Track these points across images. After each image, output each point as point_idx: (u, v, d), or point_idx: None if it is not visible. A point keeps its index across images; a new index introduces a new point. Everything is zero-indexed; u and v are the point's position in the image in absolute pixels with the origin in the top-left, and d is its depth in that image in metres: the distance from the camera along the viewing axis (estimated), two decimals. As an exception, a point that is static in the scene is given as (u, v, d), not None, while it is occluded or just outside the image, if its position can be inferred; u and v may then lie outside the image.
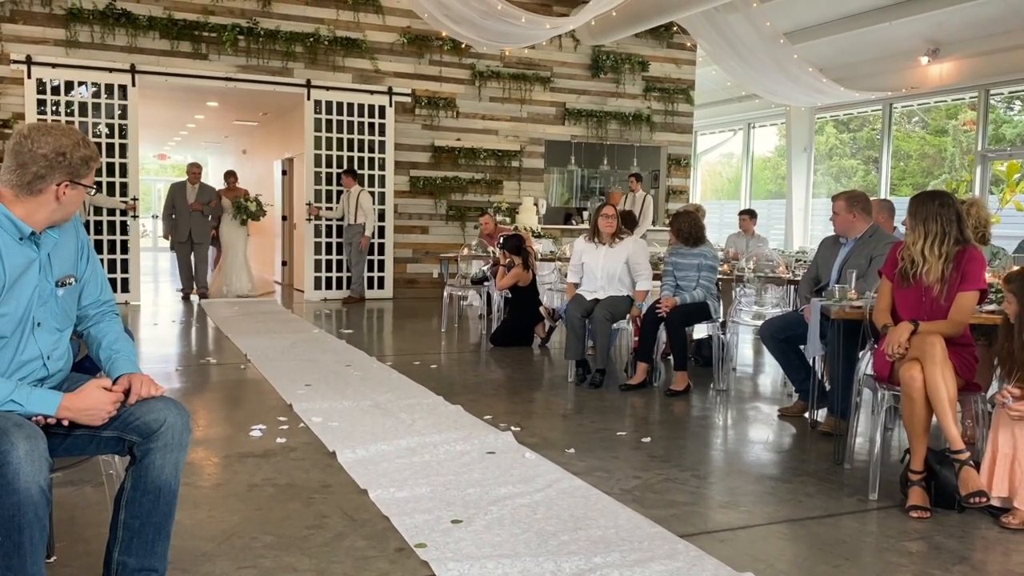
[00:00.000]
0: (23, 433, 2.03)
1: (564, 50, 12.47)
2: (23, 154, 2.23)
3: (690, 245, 5.91)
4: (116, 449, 2.35)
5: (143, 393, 2.32)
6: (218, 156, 21.17)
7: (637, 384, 5.75)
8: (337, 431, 4.43)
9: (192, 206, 10.75)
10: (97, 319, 2.52)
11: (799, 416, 5.06)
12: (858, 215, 4.86)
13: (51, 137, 2.25)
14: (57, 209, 2.30)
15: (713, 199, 18.74)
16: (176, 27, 10.23)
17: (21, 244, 2.26)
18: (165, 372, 6.10)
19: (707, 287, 5.83)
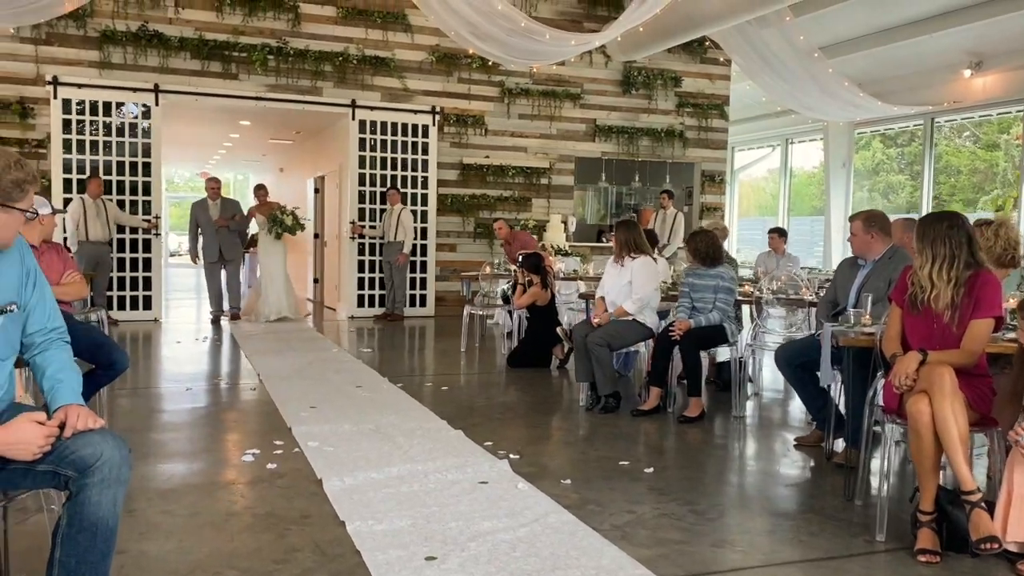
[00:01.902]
0: None
1: (595, 66, 12.36)
2: None
3: (707, 265, 5.71)
4: (52, 483, 2.27)
5: (79, 426, 2.24)
6: (258, 174, 21.45)
7: (649, 410, 5.56)
8: (330, 457, 4.33)
9: (216, 222, 10.32)
10: (44, 347, 2.44)
11: (816, 446, 4.83)
12: (876, 236, 4.64)
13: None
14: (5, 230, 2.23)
15: (756, 215, 18.38)
16: (207, 47, 10.37)
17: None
18: (176, 392, 6.09)
19: (724, 309, 5.62)
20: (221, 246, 10.39)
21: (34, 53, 9.82)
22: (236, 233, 10.57)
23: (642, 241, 5.99)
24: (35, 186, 2.29)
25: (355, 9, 10.99)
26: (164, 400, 5.83)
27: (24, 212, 2.27)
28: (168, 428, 5.05)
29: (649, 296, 5.83)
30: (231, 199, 10.92)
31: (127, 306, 10.28)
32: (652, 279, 5.88)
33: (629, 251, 5.91)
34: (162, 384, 6.46)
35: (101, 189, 9.64)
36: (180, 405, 5.68)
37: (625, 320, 5.79)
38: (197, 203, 10.68)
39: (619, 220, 6.46)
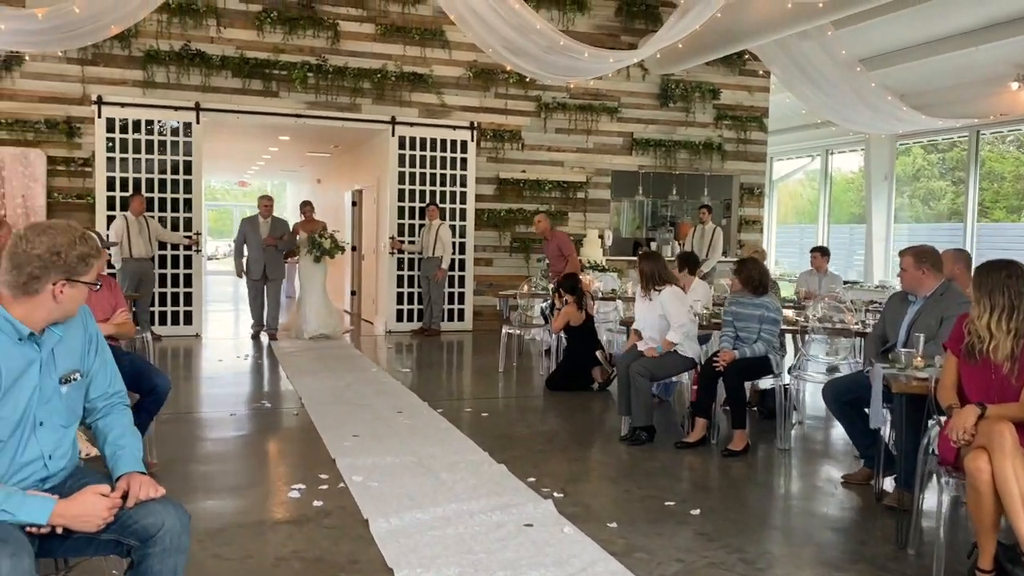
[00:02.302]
0: (8, 551, 1.99)
1: (632, 80, 12.30)
2: (18, 255, 2.21)
3: (756, 294, 5.63)
4: (115, 551, 2.31)
5: (141, 496, 2.27)
6: (296, 183, 21.70)
7: (695, 442, 5.50)
8: (375, 493, 4.35)
9: (265, 241, 10.29)
10: (105, 411, 2.49)
11: (864, 484, 4.75)
12: (928, 271, 4.55)
13: (46, 237, 2.23)
14: (55, 308, 2.27)
15: (794, 222, 18.17)
16: (247, 66, 10.49)
17: (20, 344, 2.25)
18: (221, 419, 6.16)
19: (769, 340, 5.56)
20: (267, 264, 10.35)
21: (80, 73, 10.00)
22: (282, 252, 10.54)
23: (666, 272, 5.96)
24: (99, 260, 2.33)
25: (393, 26, 11.05)
26: (209, 427, 5.90)
27: (90, 285, 2.31)
28: (214, 459, 5.11)
29: (685, 320, 5.78)
30: (281, 219, 10.83)
31: (168, 321, 10.44)
32: (683, 305, 5.86)
33: (654, 284, 5.88)
34: (207, 409, 6.54)
35: (144, 206, 9.80)
36: (225, 433, 5.74)
37: (668, 353, 5.75)
38: (247, 219, 10.63)
39: (642, 252, 6.46)
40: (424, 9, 11.10)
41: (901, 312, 4.71)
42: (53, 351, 2.33)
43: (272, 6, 10.56)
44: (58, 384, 2.33)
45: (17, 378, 2.23)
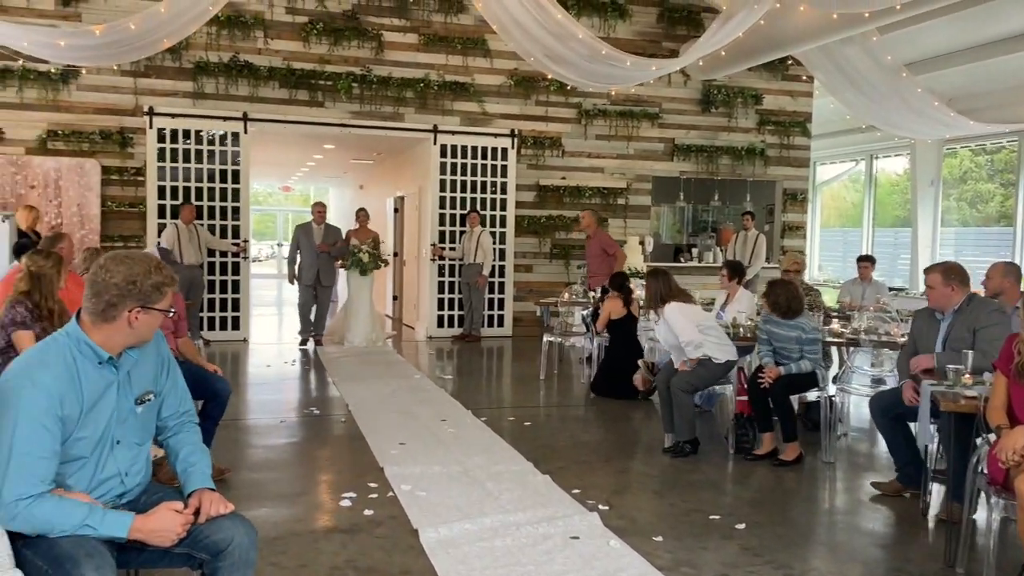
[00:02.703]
0: (93, 564, 2.11)
1: (673, 85, 12.29)
2: (98, 284, 2.35)
3: (787, 318, 5.54)
4: (186, 564, 2.43)
5: (212, 512, 2.38)
6: (339, 188, 22.00)
7: (763, 455, 5.49)
8: (423, 503, 4.45)
9: (319, 247, 10.31)
10: (176, 430, 2.61)
11: (895, 496, 4.74)
12: (956, 288, 4.56)
13: (124, 266, 2.36)
14: (131, 334, 2.39)
15: (837, 226, 17.96)
16: (294, 76, 10.70)
17: (100, 368, 2.37)
18: (271, 426, 6.31)
19: (814, 360, 5.53)
20: (320, 270, 10.34)
21: (133, 85, 10.29)
22: (334, 259, 10.53)
23: (668, 291, 5.87)
24: (173, 287, 2.44)
25: (436, 36, 11.18)
26: (260, 434, 6.05)
27: (164, 312, 2.43)
28: (267, 466, 5.25)
29: (692, 335, 5.69)
30: (334, 226, 10.82)
31: (217, 326, 10.68)
32: (686, 319, 5.75)
33: (660, 303, 5.83)
34: (258, 415, 6.70)
35: (194, 215, 10.04)
36: (276, 440, 5.89)
37: (703, 362, 5.73)
38: (301, 226, 10.66)
39: (649, 270, 6.43)
40: (466, 19, 11.22)
41: (931, 329, 4.71)
42: (129, 373, 2.45)
43: (318, 17, 10.76)
44: (134, 404, 2.46)
45: (97, 400, 2.36)
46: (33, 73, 9.87)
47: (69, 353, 2.34)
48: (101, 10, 9.87)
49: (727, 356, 5.79)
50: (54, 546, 2.16)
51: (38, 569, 2.13)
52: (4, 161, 9.85)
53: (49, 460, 2.23)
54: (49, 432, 2.23)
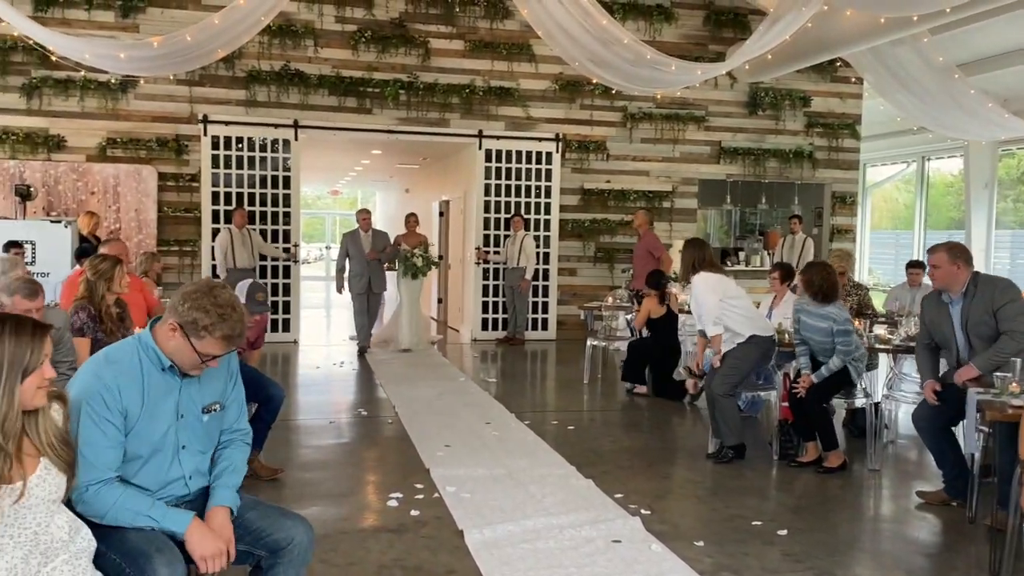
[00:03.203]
0: (164, 559, 2.24)
1: (720, 88, 12.23)
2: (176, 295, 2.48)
3: (819, 300, 5.36)
4: (245, 560, 2.55)
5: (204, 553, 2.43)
6: (385, 192, 22.30)
7: (809, 462, 5.45)
8: (468, 505, 4.54)
9: (368, 254, 10.14)
10: (224, 444, 2.70)
11: (940, 505, 4.70)
12: (962, 266, 4.56)
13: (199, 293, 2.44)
14: (168, 342, 2.46)
15: (888, 228, 17.65)
16: (343, 84, 10.91)
17: (163, 373, 2.49)
18: (320, 426, 6.47)
19: (846, 352, 5.32)
20: (370, 277, 10.21)
21: (188, 94, 10.60)
22: (384, 265, 10.43)
23: (701, 260, 5.71)
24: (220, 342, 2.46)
25: (482, 42, 11.31)
26: (310, 434, 6.22)
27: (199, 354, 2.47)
28: (317, 466, 5.40)
29: (712, 310, 5.59)
30: (381, 231, 10.60)
31: (268, 328, 10.91)
32: (710, 291, 5.63)
33: (692, 272, 5.70)
34: (308, 416, 6.87)
35: (246, 219, 10.30)
36: (325, 440, 6.05)
37: (730, 351, 5.63)
38: (349, 234, 10.50)
39: (686, 240, 6.28)
40: (512, 24, 11.32)
41: (943, 314, 4.67)
42: (199, 381, 2.56)
43: (366, 26, 10.96)
44: (201, 413, 2.57)
45: (158, 402, 2.48)
46: (94, 83, 10.23)
47: (136, 355, 2.48)
48: (158, 21, 10.19)
49: (752, 330, 5.58)
50: (125, 540, 2.29)
51: (112, 563, 2.26)
52: (66, 168, 10.23)
53: (114, 449, 2.37)
54: (112, 424, 2.37)
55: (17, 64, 10.07)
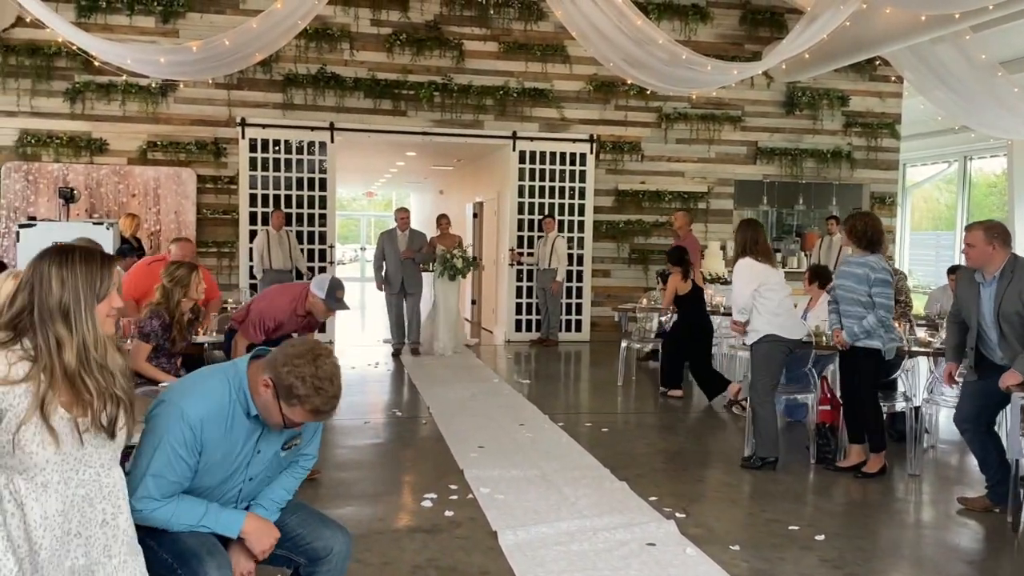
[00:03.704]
0: (215, 562, 2.28)
1: (756, 88, 12.11)
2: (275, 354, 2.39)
3: (863, 248, 5.16)
4: (283, 564, 2.58)
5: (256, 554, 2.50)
6: (419, 194, 22.42)
7: (849, 468, 5.34)
8: (502, 506, 4.55)
9: (403, 254, 10.04)
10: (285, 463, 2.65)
11: (983, 512, 4.60)
12: (997, 247, 4.45)
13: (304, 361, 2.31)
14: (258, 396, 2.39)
15: (929, 228, 17.34)
16: (378, 87, 10.99)
17: (248, 419, 2.43)
18: (356, 427, 6.52)
19: (882, 305, 5.03)
20: (404, 278, 10.10)
21: (227, 98, 10.75)
22: (419, 266, 10.31)
23: (753, 244, 5.54)
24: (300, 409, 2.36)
25: (516, 43, 11.32)
26: (346, 435, 6.26)
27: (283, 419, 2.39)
28: (352, 467, 5.45)
29: (743, 300, 5.48)
30: (418, 231, 10.44)
31: (306, 329, 11.03)
32: (747, 279, 5.49)
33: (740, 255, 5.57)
34: (343, 416, 6.92)
35: (283, 221, 10.41)
36: (361, 440, 6.10)
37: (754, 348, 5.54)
38: (386, 233, 10.43)
39: (743, 219, 6.15)
40: (546, 26, 11.32)
41: (972, 293, 4.59)
42: None
43: (401, 28, 11.03)
44: (280, 449, 2.54)
45: (237, 441, 2.43)
46: (135, 87, 10.42)
47: (228, 394, 2.39)
48: (197, 26, 10.35)
49: (771, 329, 5.41)
50: (177, 541, 2.33)
51: (163, 562, 2.30)
52: (108, 171, 10.43)
53: (179, 484, 2.35)
54: (185, 463, 2.32)
55: (61, 69, 10.29)
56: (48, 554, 1.91)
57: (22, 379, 1.87)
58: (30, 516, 1.88)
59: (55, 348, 1.92)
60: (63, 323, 1.94)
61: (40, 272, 1.96)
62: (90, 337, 1.96)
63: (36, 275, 1.96)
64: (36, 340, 1.92)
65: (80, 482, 1.96)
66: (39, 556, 1.89)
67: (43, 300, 1.95)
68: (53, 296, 1.95)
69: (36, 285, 1.95)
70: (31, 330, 1.93)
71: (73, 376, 1.92)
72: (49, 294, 1.95)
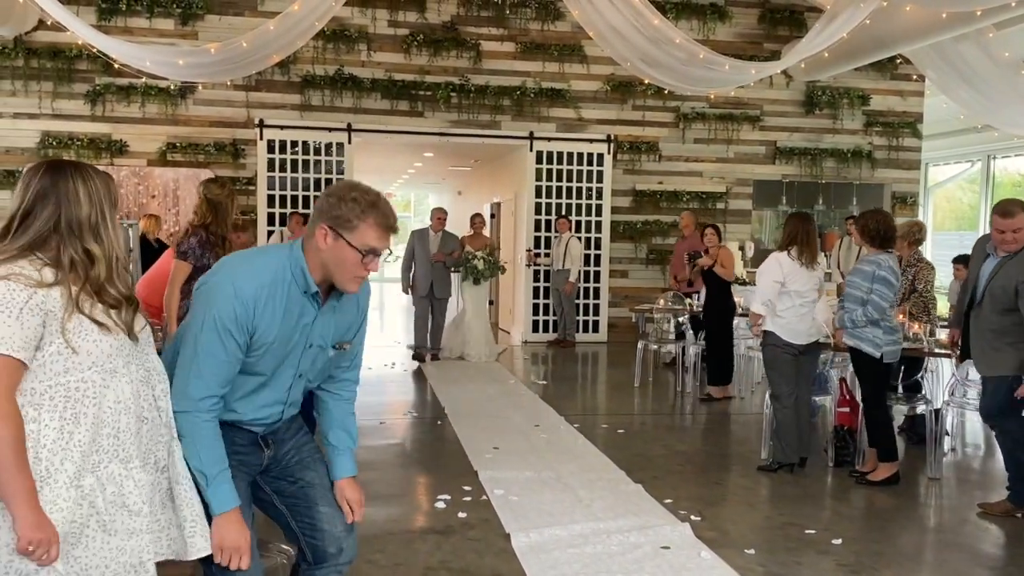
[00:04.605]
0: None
1: (775, 87, 12.02)
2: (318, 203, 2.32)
3: (875, 246, 5.07)
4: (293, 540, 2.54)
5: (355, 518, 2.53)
6: (438, 194, 22.43)
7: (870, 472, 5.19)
8: (516, 508, 4.53)
9: (434, 256, 9.45)
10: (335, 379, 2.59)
11: (1004, 516, 4.52)
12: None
13: (337, 185, 2.30)
14: (321, 256, 2.25)
15: (952, 229, 17.14)
16: (396, 88, 11.02)
17: (304, 297, 2.30)
18: (371, 427, 6.53)
19: (877, 307, 4.93)
20: (434, 281, 9.51)
21: (245, 99, 10.82)
22: (449, 270, 9.72)
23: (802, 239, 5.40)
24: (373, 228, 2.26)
25: (533, 43, 11.31)
26: (361, 435, 6.20)
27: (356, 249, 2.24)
28: (367, 467, 5.42)
29: (765, 295, 5.39)
30: (452, 233, 9.80)
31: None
32: (773, 274, 5.39)
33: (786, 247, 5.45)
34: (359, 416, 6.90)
35: (301, 223, 10.45)
36: (376, 441, 6.10)
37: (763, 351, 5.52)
38: (417, 232, 9.85)
39: (796, 212, 6.13)
40: (563, 25, 11.29)
41: (980, 259, 4.60)
42: (334, 317, 2.40)
43: (418, 29, 11.06)
44: (330, 346, 2.42)
45: (293, 326, 2.30)
46: (154, 89, 10.50)
47: (284, 272, 2.27)
48: (216, 28, 10.43)
49: (775, 328, 5.34)
50: None
51: None
52: (128, 172, 10.52)
53: (232, 364, 2.23)
54: (236, 341, 2.21)
55: (82, 72, 10.40)
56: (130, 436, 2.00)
57: (54, 283, 1.92)
58: (104, 403, 1.96)
59: (86, 261, 1.98)
60: (93, 238, 2.00)
61: (66, 187, 1.99)
62: (116, 250, 2.04)
63: (62, 190, 1.99)
64: (66, 252, 1.96)
65: (139, 365, 2.05)
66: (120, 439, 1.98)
67: (72, 215, 1.98)
68: (83, 211, 1.99)
69: (63, 200, 1.98)
70: (58, 243, 1.97)
71: (101, 286, 1.99)
72: (79, 209, 1.99)
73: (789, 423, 5.37)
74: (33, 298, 1.87)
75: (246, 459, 2.39)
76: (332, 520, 2.50)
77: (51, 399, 1.90)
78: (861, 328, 5.00)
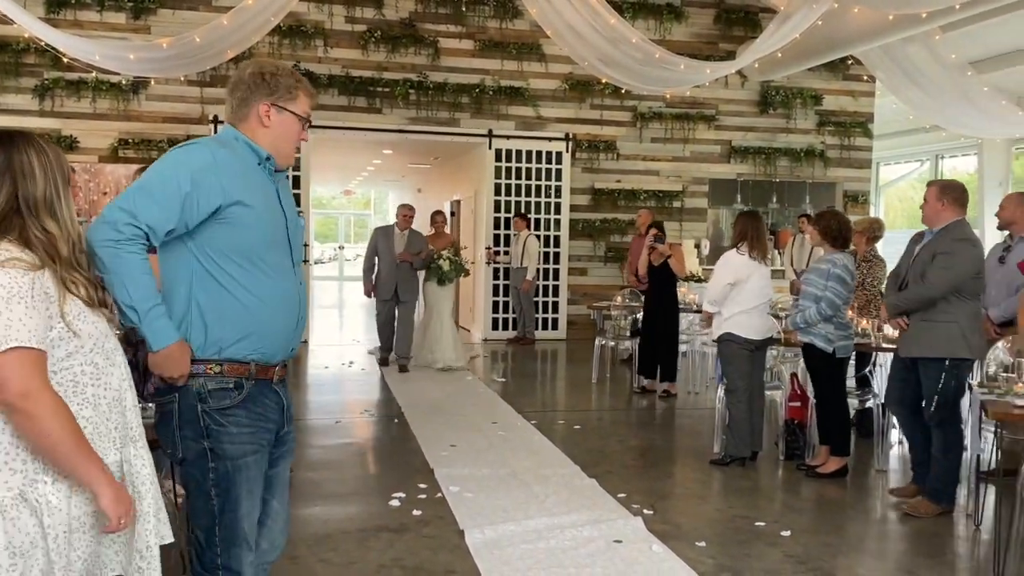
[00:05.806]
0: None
1: (730, 87, 12.18)
2: (233, 82, 2.32)
3: (836, 246, 5.18)
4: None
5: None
6: (398, 192, 22.34)
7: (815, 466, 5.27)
8: (471, 504, 4.54)
9: (400, 256, 8.77)
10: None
11: (913, 497, 4.67)
12: (947, 205, 4.56)
13: (255, 64, 2.31)
14: (268, 133, 2.28)
15: (904, 227, 17.52)
16: (353, 84, 10.95)
17: (259, 168, 2.29)
18: (327, 426, 6.49)
19: (830, 304, 5.00)
20: (399, 283, 8.85)
21: (199, 95, 10.66)
22: (415, 271, 9.03)
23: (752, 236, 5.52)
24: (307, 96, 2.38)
25: (491, 42, 11.32)
26: (317, 434, 6.23)
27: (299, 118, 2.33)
28: (322, 466, 5.41)
29: (717, 292, 5.48)
30: (418, 232, 9.06)
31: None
32: (726, 273, 5.49)
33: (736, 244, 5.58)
34: (315, 416, 6.90)
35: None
36: (332, 440, 6.06)
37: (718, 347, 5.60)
38: (381, 229, 9.22)
39: (746, 211, 6.17)
40: (521, 24, 11.32)
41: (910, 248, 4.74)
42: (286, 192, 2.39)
43: (376, 26, 11.00)
44: (297, 216, 2.39)
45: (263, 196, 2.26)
46: (105, 84, 10.31)
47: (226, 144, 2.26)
48: (169, 23, 10.26)
49: (730, 327, 5.42)
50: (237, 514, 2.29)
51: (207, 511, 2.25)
52: (79, 169, 10.30)
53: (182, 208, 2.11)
54: (195, 185, 2.11)
55: (30, 66, 10.16)
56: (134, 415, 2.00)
57: (43, 264, 1.81)
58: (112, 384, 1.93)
59: (46, 241, 1.85)
60: (49, 216, 1.87)
61: (20, 160, 1.85)
62: (72, 226, 1.91)
63: (15, 164, 1.85)
64: (30, 232, 1.83)
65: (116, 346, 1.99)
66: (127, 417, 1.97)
67: (28, 191, 1.85)
68: (39, 187, 1.86)
69: (19, 174, 1.85)
70: (20, 223, 1.84)
71: (67, 264, 1.88)
72: (35, 185, 1.85)
73: (742, 418, 5.46)
74: (36, 282, 1.78)
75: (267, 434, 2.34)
76: (276, 517, 2.49)
77: (59, 384, 1.82)
78: (813, 325, 5.10)
